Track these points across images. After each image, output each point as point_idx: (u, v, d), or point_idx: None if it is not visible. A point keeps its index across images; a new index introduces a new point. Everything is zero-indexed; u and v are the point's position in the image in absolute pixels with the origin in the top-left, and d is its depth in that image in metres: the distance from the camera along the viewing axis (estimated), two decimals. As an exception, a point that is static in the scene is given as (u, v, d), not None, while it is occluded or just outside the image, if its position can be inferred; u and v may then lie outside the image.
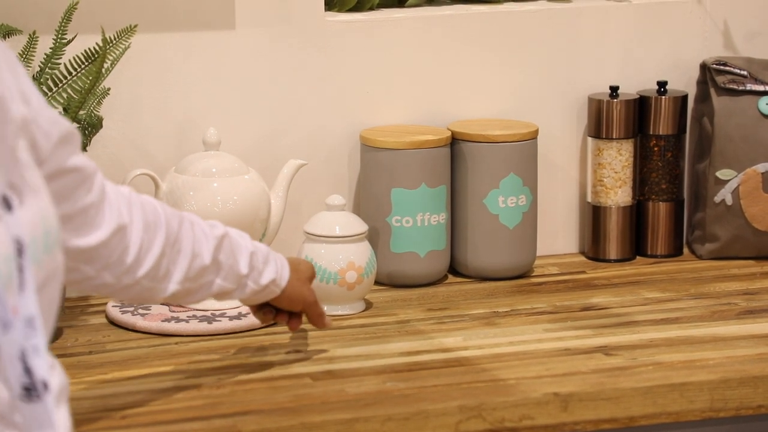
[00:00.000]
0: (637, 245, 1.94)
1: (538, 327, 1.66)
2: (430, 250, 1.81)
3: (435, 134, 1.83)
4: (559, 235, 1.96)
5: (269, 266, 1.48)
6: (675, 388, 1.48)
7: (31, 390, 1.02)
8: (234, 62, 1.82)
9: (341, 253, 1.70)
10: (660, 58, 1.96)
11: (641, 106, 1.93)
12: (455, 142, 1.85)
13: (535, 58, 1.93)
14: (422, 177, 1.80)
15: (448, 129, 1.86)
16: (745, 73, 1.91)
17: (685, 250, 1.96)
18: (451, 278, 1.86)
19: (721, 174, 1.90)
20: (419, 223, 1.80)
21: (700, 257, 1.93)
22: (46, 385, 1.03)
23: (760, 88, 1.91)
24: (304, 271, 1.53)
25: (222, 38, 1.80)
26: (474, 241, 1.84)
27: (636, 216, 1.94)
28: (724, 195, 1.90)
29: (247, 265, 1.45)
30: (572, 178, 1.97)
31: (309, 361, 1.55)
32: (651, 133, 1.93)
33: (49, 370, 1.04)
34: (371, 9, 1.91)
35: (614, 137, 1.91)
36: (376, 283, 1.81)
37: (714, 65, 1.92)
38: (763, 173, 1.89)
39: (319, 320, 1.56)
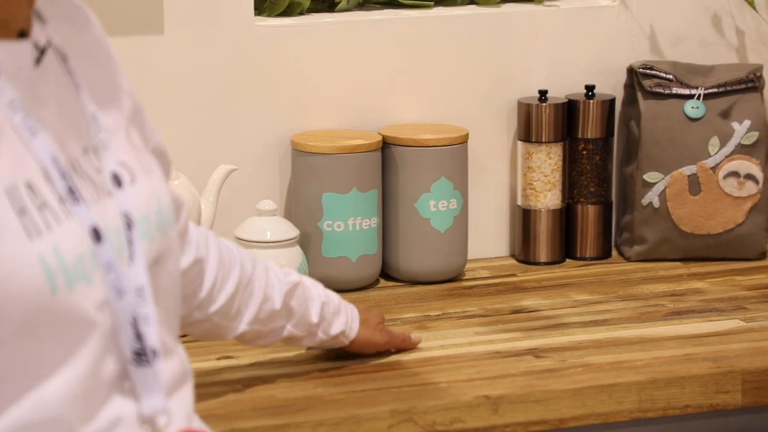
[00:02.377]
0: (566, 248, 1.96)
1: (469, 330, 1.67)
2: (362, 254, 1.82)
3: (366, 139, 1.83)
4: (489, 239, 1.97)
5: (339, 317, 1.51)
6: (604, 390, 1.50)
7: (142, 355, 1.07)
8: (163, 67, 1.81)
9: (272, 259, 1.70)
10: (588, 62, 1.98)
11: (570, 110, 1.95)
12: (386, 146, 1.85)
13: (465, 63, 1.94)
14: (353, 181, 1.80)
15: (379, 133, 1.87)
16: (671, 77, 1.94)
17: (614, 252, 1.98)
18: (383, 282, 1.87)
19: (648, 177, 1.93)
20: (351, 227, 1.81)
21: (628, 259, 1.95)
22: (155, 352, 1.07)
23: (686, 91, 1.93)
24: (373, 319, 1.56)
25: (151, 43, 1.80)
26: (405, 245, 1.85)
27: (565, 219, 1.96)
28: (652, 198, 1.93)
29: (318, 315, 1.49)
30: (502, 182, 1.98)
31: (239, 367, 1.54)
32: (579, 136, 1.95)
33: (158, 338, 1.08)
34: (301, 13, 1.91)
35: (543, 141, 1.93)
36: (308, 287, 1.81)
37: (641, 69, 1.94)
38: (689, 176, 1.92)
39: (404, 345, 1.58)
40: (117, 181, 1.08)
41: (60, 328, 1.01)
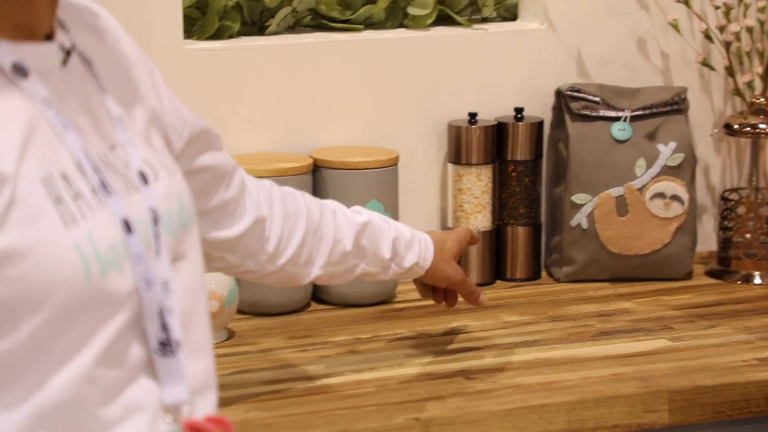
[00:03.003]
0: (496, 269, 1.97)
1: (399, 353, 1.68)
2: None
3: (297, 161, 1.83)
4: (421, 261, 1.97)
5: (412, 250, 1.56)
6: (534, 410, 1.51)
7: (166, 345, 1.10)
8: (92, 91, 1.80)
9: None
10: (516, 85, 2.00)
11: (499, 132, 1.96)
12: (317, 169, 1.86)
13: (395, 86, 1.95)
14: (284, 205, 1.80)
15: (310, 156, 1.87)
16: (597, 99, 1.96)
17: (543, 273, 2.00)
18: (314, 306, 1.87)
19: (577, 198, 1.94)
20: (281, 250, 1.80)
21: (557, 280, 1.97)
22: (178, 344, 1.10)
23: (613, 113, 1.95)
24: (449, 250, 1.61)
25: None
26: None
27: (495, 240, 1.97)
28: (580, 219, 1.94)
29: (390, 250, 1.54)
30: (433, 204, 1.99)
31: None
32: (509, 158, 1.97)
33: (185, 329, 1.12)
34: (231, 37, 1.91)
35: (473, 163, 1.94)
36: (239, 311, 1.80)
37: (568, 92, 1.96)
38: (616, 197, 1.94)
39: (471, 297, 1.64)
40: (143, 178, 1.12)
41: (89, 313, 1.05)
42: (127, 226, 1.08)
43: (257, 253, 1.45)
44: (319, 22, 1.98)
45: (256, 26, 1.95)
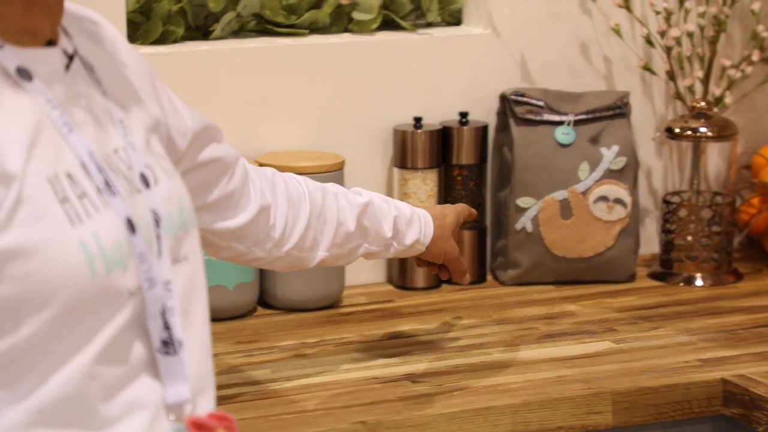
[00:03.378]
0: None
1: (346, 357, 1.68)
2: (239, 282, 1.82)
3: (242, 167, 1.83)
4: (366, 265, 1.98)
5: (413, 227, 1.59)
6: (479, 413, 1.52)
7: (169, 344, 1.11)
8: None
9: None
10: (461, 90, 2.01)
11: (444, 137, 1.97)
12: (262, 174, 1.86)
13: (341, 90, 1.96)
14: (229, 210, 1.80)
15: (256, 161, 1.87)
16: (541, 103, 1.97)
17: (489, 276, 2.01)
18: (260, 310, 1.86)
19: (521, 202, 1.96)
20: (227, 255, 1.80)
21: (502, 283, 1.98)
22: (181, 344, 1.12)
23: (556, 118, 1.97)
24: (448, 225, 1.63)
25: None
26: (282, 272, 1.85)
27: (441, 244, 1.98)
28: (525, 222, 1.96)
29: (392, 229, 1.57)
30: (379, 208, 2.00)
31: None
32: (454, 162, 1.98)
33: (185, 330, 1.13)
34: (175, 41, 1.90)
35: (419, 167, 1.95)
36: (185, 317, 1.80)
37: (512, 96, 1.98)
38: (560, 201, 1.95)
39: (459, 276, 1.66)
40: (144, 180, 1.14)
41: (94, 311, 1.06)
42: (131, 226, 1.10)
43: (264, 240, 1.48)
44: (264, 27, 1.98)
45: (201, 31, 1.95)
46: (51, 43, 1.12)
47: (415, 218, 1.60)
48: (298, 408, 1.51)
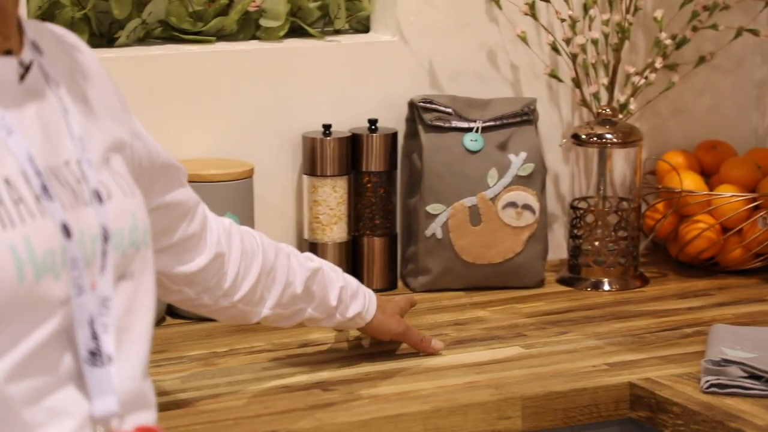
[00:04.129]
0: (353, 280, 1.98)
1: (257, 366, 1.67)
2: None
3: (149, 175, 1.82)
4: (277, 273, 1.97)
5: (357, 300, 1.63)
6: (390, 420, 1.52)
7: (96, 355, 1.12)
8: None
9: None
10: (370, 97, 2.01)
11: (354, 144, 1.98)
12: (170, 182, 1.84)
13: (249, 98, 1.95)
14: (137, 219, 1.78)
15: (163, 170, 1.85)
16: (450, 110, 1.98)
17: (400, 283, 2.01)
18: (169, 320, 1.85)
19: (431, 208, 1.96)
20: (135, 265, 1.79)
21: (413, 290, 1.98)
22: (110, 358, 1.13)
23: (465, 125, 1.98)
24: (392, 307, 1.69)
25: None
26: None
27: (352, 251, 1.98)
28: (435, 229, 1.96)
29: (337, 298, 1.60)
30: (289, 216, 1.99)
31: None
32: (364, 169, 1.98)
33: (122, 347, 1.15)
34: (81, 50, 1.88)
35: (328, 174, 1.95)
36: (92, 328, 1.77)
37: (421, 103, 1.98)
38: (470, 207, 1.96)
39: (421, 345, 1.69)
40: (98, 196, 1.16)
41: (21, 315, 1.08)
42: (66, 231, 1.11)
43: (214, 288, 1.50)
44: (170, 34, 1.97)
45: (105, 38, 1.93)
46: (9, 53, 1.15)
47: (360, 292, 1.64)
48: (208, 418, 1.50)
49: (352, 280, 1.64)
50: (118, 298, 1.16)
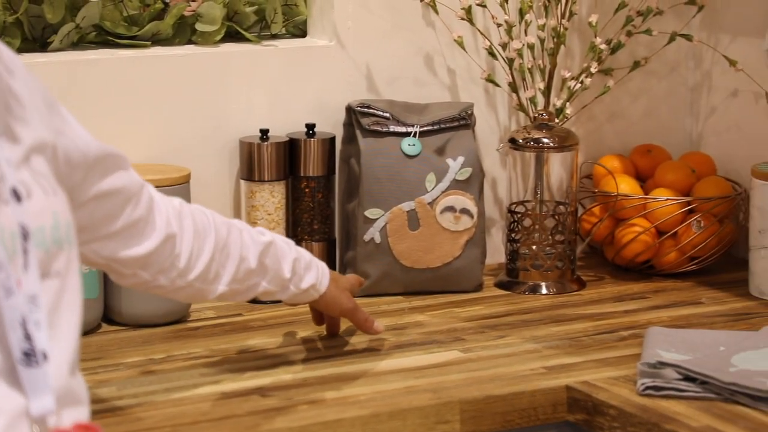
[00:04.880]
0: (291, 285, 1.97)
1: (194, 372, 1.66)
2: (83, 298, 1.78)
3: (84, 181, 1.80)
4: (214, 279, 1.96)
5: (310, 272, 1.64)
6: (329, 426, 1.52)
7: (31, 356, 1.13)
8: None
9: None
10: (307, 101, 2.01)
11: (291, 149, 1.97)
12: (106, 188, 1.82)
13: (185, 102, 1.94)
14: (72, 225, 1.77)
15: (99, 175, 1.84)
16: (387, 115, 1.98)
17: (338, 288, 2.01)
18: (105, 327, 1.83)
19: (370, 213, 1.96)
20: (70, 272, 1.77)
21: (352, 295, 1.98)
22: (45, 356, 1.14)
23: (402, 129, 1.98)
24: (343, 282, 1.71)
25: None
26: (128, 288, 1.81)
27: (289, 256, 1.98)
28: (373, 233, 1.96)
29: (290, 270, 1.61)
30: (226, 221, 1.98)
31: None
32: (302, 174, 1.97)
33: (49, 343, 1.16)
34: (14, 54, 1.86)
35: (266, 180, 1.94)
36: (27, 335, 1.75)
37: (358, 108, 1.98)
38: (408, 211, 1.97)
39: (364, 325, 1.72)
40: (16, 195, 1.16)
41: None
42: None
43: (168, 269, 1.50)
44: (105, 39, 1.95)
45: (38, 43, 1.91)
46: None
47: (314, 265, 1.66)
48: (145, 425, 1.49)
49: (305, 253, 1.65)
50: (46, 296, 1.16)
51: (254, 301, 1.78)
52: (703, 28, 2.16)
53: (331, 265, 2.00)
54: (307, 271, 1.64)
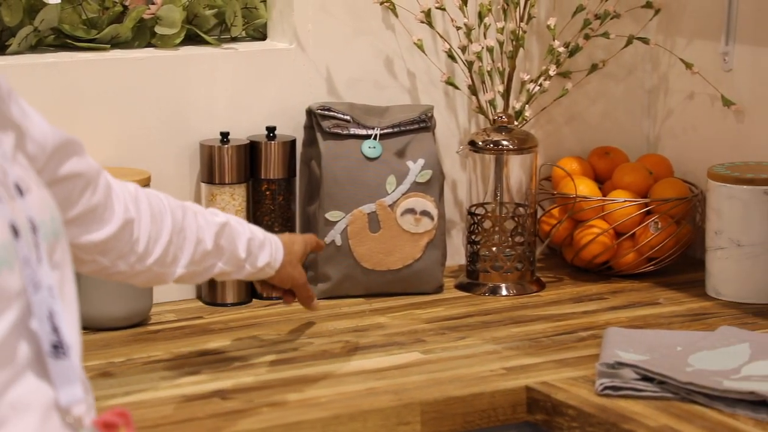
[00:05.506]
0: (252, 288, 1.97)
1: (154, 375, 1.66)
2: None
3: (44, 184, 1.79)
4: (175, 282, 1.96)
5: (264, 250, 1.65)
6: (290, 428, 1.52)
7: (59, 348, 1.15)
8: None
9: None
10: (268, 104, 2.01)
11: (252, 151, 1.97)
12: (65, 191, 1.82)
13: (145, 105, 1.94)
14: (31, 229, 1.76)
15: (58, 179, 1.83)
16: (348, 117, 1.99)
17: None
18: (65, 330, 1.83)
19: (330, 215, 1.97)
20: (30, 275, 1.76)
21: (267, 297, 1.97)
22: (70, 346, 1.17)
23: (363, 132, 1.99)
24: (296, 252, 1.71)
25: None
26: (88, 291, 1.81)
27: (250, 259, 1.98)
28: (334, 236, 1.97)
29: (245, 250, 1.62)
30: (186, 224, 1.98)
31: None
32: (262, 177, 1.98)
33: (74, 334, 1.18)
34: (-28, 57, 1.85)
35: (227, 182, 1.95)
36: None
37: (319, 110, 1.99)
38: (368, 214, 1.97)
39: (307, 302, 1.75)
40: (19, 190, 1.18)
41: None
42: (14, 230, 1.14)
43: (128, 254, 1.50)
44: (64, 42, 1.95)
45: (-3, 45, 1.91)
46: None
47: (267, 242, 1.66)
48: (106, 429, 1.49)
49: (258, 231, 1.65)
50: (57, 288, 1.19)
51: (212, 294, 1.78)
52: (659, 32, 2.18)
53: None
54: (261, 249, 1.65)
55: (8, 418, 1.11)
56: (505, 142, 2.02)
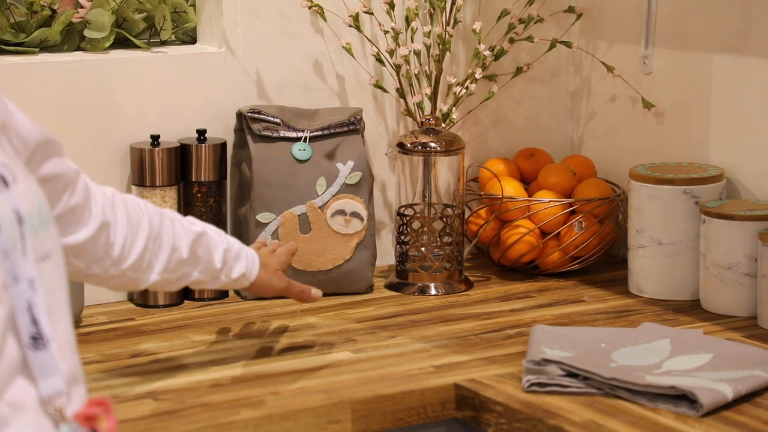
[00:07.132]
0: (184, 290, 1.98)
1: (87, 377, 1.64)
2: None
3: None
4: (106, 284, 1.97)
5: (240, 262, 1.66)
6: (221, 428, 1.53)
7: (38, 339, 1.15)
8: None
9: None
10: (198, 107, 2.02)
11: (183, 154, 1.98)
12: (-4, 195, 1.82)
13: (75, 109, 1.94)
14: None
15: (-12, 182, 1.83)
16: (278, 120, 2.01)
17: (231, 292, 2.02)
18: (-4, 334, 1.83)
19: (261, 217, 1.99)
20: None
21: (244, 298, 2.00)
22: (49, 338, 1.16)
23: (293, 134, 2.01)
24: (273, 264, 1.72)
25: None
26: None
27: (181, 261, 1.99)
28: (265, 237, 1.99)
29: (221, 260, 1.63)
30: (117, 227, 1.98)
31: None
32: (193, 179, 1.99)
33: (52, 326, 1.18)
34: None
35: (158, 185, 1.95)
36: None
37: (249, 113, 2.00)
38: (299, 215, 1.99)
39: (301, 296, 1.74)
40: (4, 180, 1.17)
41: None
42: None
43: (102, 258, 1.51)
44: (-8, 46, 1.95)
45: (-73, 50, 1.90)
46: None
47: (243, 254, 1.67)
48: None
49: (235, 242, 1.66)
50: (42, 279, 1.18)
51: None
52: (582, 36, 2.23)
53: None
54: (237, 260, 1.66)
55: (9, 418, 1.12)
56: (432, 144, 2.04)
